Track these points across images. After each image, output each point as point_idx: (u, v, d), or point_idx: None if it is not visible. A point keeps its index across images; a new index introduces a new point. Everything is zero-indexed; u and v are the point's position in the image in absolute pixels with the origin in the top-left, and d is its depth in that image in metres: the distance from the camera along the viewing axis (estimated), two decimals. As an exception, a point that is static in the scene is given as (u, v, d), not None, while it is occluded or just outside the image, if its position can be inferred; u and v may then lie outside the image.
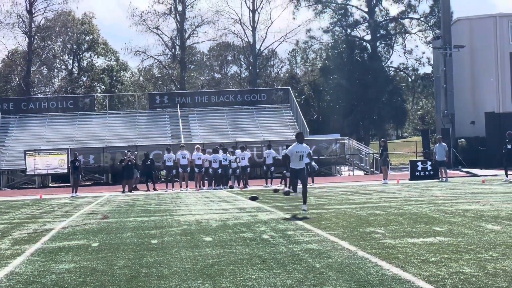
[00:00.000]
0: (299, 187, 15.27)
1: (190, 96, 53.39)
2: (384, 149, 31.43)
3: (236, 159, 30.23)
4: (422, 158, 44.07)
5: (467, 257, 8.39)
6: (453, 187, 24.90)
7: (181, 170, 30.62)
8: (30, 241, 11.89)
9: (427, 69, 71.08)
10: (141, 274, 8.09)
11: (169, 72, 71.80)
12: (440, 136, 35.47)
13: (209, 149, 31.61)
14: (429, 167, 31.90)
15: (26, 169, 39.57)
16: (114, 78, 76.75)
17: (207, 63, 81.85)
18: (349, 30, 68.10)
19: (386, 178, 30.18)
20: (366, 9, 66.74)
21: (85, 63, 76.95)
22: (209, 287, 7.15)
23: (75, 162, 29.57)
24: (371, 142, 73.15)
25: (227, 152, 30.29)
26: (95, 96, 60.59)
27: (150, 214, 16.69)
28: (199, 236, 11.54)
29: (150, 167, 31.61)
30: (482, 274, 7.28)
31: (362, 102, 64.04)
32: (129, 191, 29.76)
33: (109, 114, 52.70)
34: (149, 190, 30.48)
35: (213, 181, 30.02)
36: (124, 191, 29.55)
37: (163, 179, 37.10)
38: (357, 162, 43.29)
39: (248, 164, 30.86)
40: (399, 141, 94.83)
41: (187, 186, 30.49)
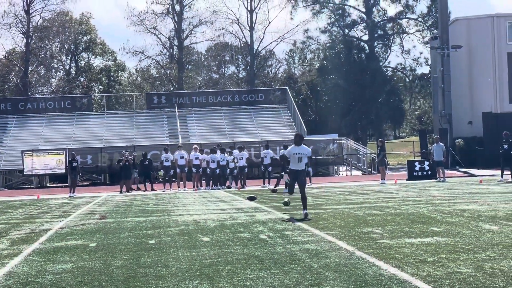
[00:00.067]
0: (296, 187, 15.23)
1: (188, 96, 53.37)
2: (382, 149, 31.44)
3: (234, 159, 30.24)
4: (419, 158, 44.06)
5: (464, 257, 8.40)
6: (451, 187, 24.92)
7: (179, 170, 30.62)
8: (27, 241, 11.89)
9: (425, 69, 71.27)
10: (139, 274, 8.08)
11: (167, 72, 71.79)
12: (438, 136, 35.46)
13: (207, 149, 31.60)
14: (427, 167, 31.93)
15: (23, 169, 39.51)
16: (112, 78, 76.71)
17: (205, 63, 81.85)
18: (346, 30, 68.17)
19: (384, 178, 30.23)
20: (363, 9, 66.82)
21: (82, 63, 76.91)
22: (207, 287, 7.15)
23: (72, 162, 29.58)
24: (369, 142, 73.08)
25: (225, 152, 30.30)
26: (93, 96, 60.58)
27: (148, 214, 16.68)
28: (197, 236, 11.54)
29: (148, 167, 31.61)
30: (480, 274, 7.28)
31: (359, 102, 64.08)
32: (127, 191, 29.76)
33: (106, 114, 52.63)
34: (146, 190, 30.49)
35: (211, 181, 30.04)
36: (121, 191, 29.54)
37: (160, 179, 37.08)
38: (355, 162, 43.31)
39: (246, 164, 30.88)
40: (396, 141, 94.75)
41: (184, 186, 30.48)
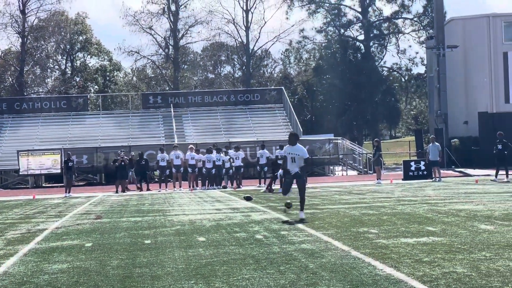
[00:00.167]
0: (294, 185, 15.18)
1: (184, 96, 53.33)
2: (378, 149, 31.47)
3: (230, 159, 30.23)
4: (415, 158, 44.12)
5: (460, 257, 8.41)
6: (447, 187, 24.95)
7: (175, 170, 30.60)
8: (23, 241, 11.86)
9: (421, 69, 71.33)
10: (135, 274, 8.07)
11: (163, 72, 71.71)
12: (434, 136, 35.53)
13: (203, 149, 31.59)
14: (423, 167, 31.96)
15: (19, 169, 39.45)
16: (108, 78, 76.67)
17: (201, 63, 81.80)
18: (342, 30, 68.15)
19: (380, 178, 30.23)
20: (359, 9, 66.81)
21: (78, 63, 76.82)
22: (203, 287, 7.15)
23: (68, 162, 29.53)
24: (365, 142, 73.19)
25: (220, 152, 30.29)
26: (89, 96, 60.45)
27: (144, 214, 16.67)
28: (193, 236, 11.53)
29: (144, 167, 31.56)
30: (476, 274, 7.29)
31: (355, 102, 64.10)
32: (123, 191, 29.71)
33: (102, 114, 52.59)
34: (142, 190, 30.45)
35: (207, 181, 30.02)
36: (117, 191, 29.50)
37: (156, 179, 37.05)
38: (351, 162, 43.30)
39: (242, 164, 30.88)
40: (392, 141, 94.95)
41: (180, 186, 30.46)
